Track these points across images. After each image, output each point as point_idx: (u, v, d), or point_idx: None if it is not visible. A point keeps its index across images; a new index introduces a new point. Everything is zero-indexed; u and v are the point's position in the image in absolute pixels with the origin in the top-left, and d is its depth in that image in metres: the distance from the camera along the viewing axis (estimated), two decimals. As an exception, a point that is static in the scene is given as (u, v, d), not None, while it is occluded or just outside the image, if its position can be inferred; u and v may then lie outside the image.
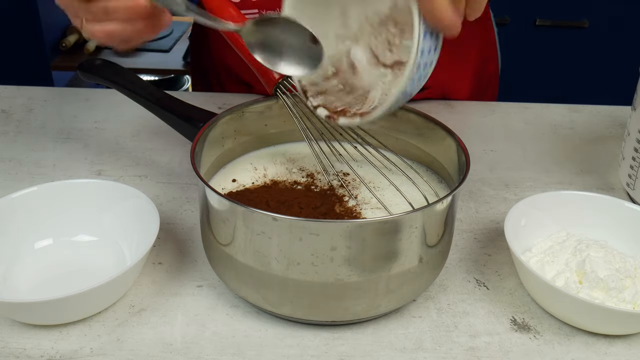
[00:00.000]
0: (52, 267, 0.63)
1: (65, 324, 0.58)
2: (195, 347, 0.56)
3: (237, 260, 0.55)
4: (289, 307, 0.56)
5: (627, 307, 0.58)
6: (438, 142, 0.65)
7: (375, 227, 0.52)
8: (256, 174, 0.67)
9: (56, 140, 0.86)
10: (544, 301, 0.60)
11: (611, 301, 0.58)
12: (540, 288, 0.59)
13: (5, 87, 0.98)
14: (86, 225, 0.66)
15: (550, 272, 0.61)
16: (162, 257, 0.66)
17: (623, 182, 0.77)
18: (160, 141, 0.86)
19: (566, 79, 1.93)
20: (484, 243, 0.70)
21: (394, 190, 0.62)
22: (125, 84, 0.72)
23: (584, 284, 0.59)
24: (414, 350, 0.57)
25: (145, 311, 0.60)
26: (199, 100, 0.84)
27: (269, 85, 0.67)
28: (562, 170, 0.83)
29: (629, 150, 0.74)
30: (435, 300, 0.62)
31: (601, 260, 0.60)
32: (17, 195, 0.64)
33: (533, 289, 0.61)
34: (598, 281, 0.58)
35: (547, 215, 0.66)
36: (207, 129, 0.63)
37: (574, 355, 0.57)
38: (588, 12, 1.88)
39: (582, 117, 0.96)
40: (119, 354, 0.55)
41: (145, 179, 0.78)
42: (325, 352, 0.56)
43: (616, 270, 0.59)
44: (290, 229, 0.52)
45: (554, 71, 1.94)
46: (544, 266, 0.61)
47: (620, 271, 0.59)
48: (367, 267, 0.54)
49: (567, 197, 0.68)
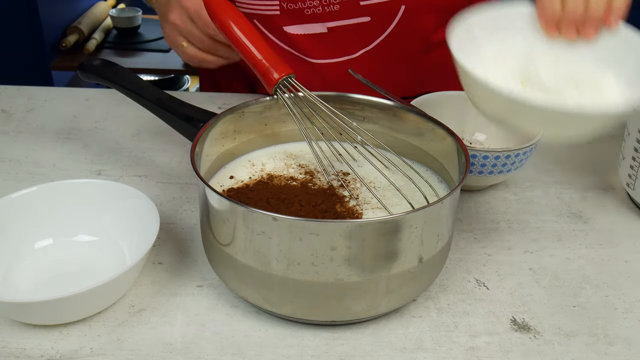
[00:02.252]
0: (52, 267, 0.63)
1: (65, 324, 0.58)
2: (195, 347, 0.56)
3: (237, 260, 0.55)
4: (289, 307, 0.56)
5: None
6: (438, 142, 0.65)
7: (375, 227, 0.52)
8: (253, 169, 0.67)
9: (56, 140, 0.86)
10: (481, 103, 0.57)
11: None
12: (476, 88, 0.56)
13: (5, 87, 0.98)
14: (86, 225, 0.66)
15: (495, 75, 0.57)
16: (162, 257, 0.66)
17: (623, 182, 0.77)
18: (160, 141, 0.86)
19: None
20: (484, 243, 0.70)
21: (394, 190, 0.62)
22: (125, 84, 0.72)
23: (527, 88, 0.56)
24: (414, 350, 0.57)
25: (145, 311, 0.60)
26: (199, 100, 0.84)
27: (269, 85, 0.67)
28: (562, 170, 0.83)
29: (629, 150, 0.74)
30: (435, 300, 0.62)
31: (551, 66, 0.57)
32: (17, 195, 0.64)
33: (469, 90, 0.57)
34: (540, 85, 0.55)
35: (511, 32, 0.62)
36: (207, 129, 0.63)
37: (574, 355, 0.57)
38: (588, 12, 1.87)
39: (582, 117, 0.96)
40: (119, 354, 0.55)
41: (145, 179, 0.78)
42: (325, 352, 0.56)
43: (563, 76, 0.57)
44: (290, 229, 0.52)
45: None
46: (489, 71, 0.58)
47: (567, 77, 0.57)
48: (367, 267, 0.54)
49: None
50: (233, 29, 0.66)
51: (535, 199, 0.77)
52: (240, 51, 0.67)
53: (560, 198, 0.78)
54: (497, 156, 0.72)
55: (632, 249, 0.70)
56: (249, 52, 0.65)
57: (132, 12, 2.22)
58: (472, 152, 0.71)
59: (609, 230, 0.73)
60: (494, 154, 0.72)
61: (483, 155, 0.72)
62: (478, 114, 0.78)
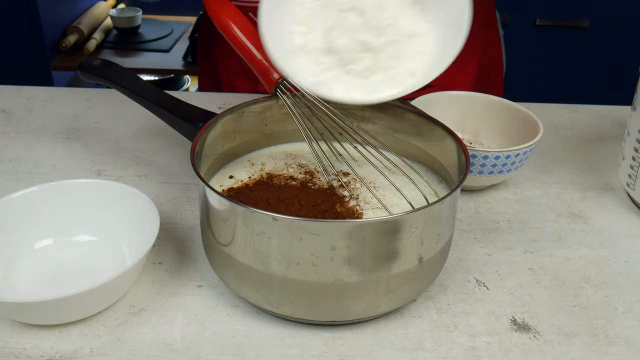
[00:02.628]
0: (52, 267, 0.63)
1: (65, 324, 0.58)
2: (195, 347, 0.56)
3: (237, 260, 0.55)
4: (289, 307, 0.56)
5: (350, 80, 0.56)
6: (438, 142, 0.65)
7: (375, 227, 0.52)
8: (253, 169, 0.67)
9: (56, 140, 0.86)
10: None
11: (336, 71, 0.55)
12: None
13: (5, 87, 0.98)
14: (86, 225, 0.66)
15: (298, 33, 0.57)
16: (162, 257, 0.66)
17: (623, 182, 0.77)
18: (160, 141, 0.86)
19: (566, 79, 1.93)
20: (484, 243, 0.70)
21: (394, 190, 0.62)
22: (125, 84, 0.72)
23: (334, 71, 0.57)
24: (414, 350, 0.57)
25: (145, 311, 0.60)
26: (199, 100, 0.84)
27: (269, 86, 0.67)
28: (562, 170, 0.83)
29: (629, 150, 0.74)
30: (435, 300, 0.62)
31: (352, 28, 0.56)
32: (17, 195, 0.64)
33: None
34: (333, 49, 0.55)
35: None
36: (207, 129, 0.63)
37: (574, 355, 0.57)
38: (588, 12, 1.88)
39: (582, 117, 0.96)
40: (119, 354, 0.55)
41: (145, 179, 0.78)
42: (325, 352, 0.56)
43: (359, 42, 0.56)
44: (290, 228, 0.52)
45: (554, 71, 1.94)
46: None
47: (364, 44, 0.56)
48: (367, 267, 0.54)
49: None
50: (233, 29, 0.66)
51: (535, 199, 0.77)
52: (240, 51, 0.67)
53: (560, 198, 0.78)
54: (497, 156, 0.72)
55: (632, 249, 0.70)
56: (249, 52, 0.65)
57: (132, 12, 2.22)
58: (472, 152, 0.72)
59: (609, 230, 0.73)
60: (494, 154, 0.72)
61: (483, 155, 0.72)
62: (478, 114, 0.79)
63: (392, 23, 0.58)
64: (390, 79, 0.60)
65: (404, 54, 0.61)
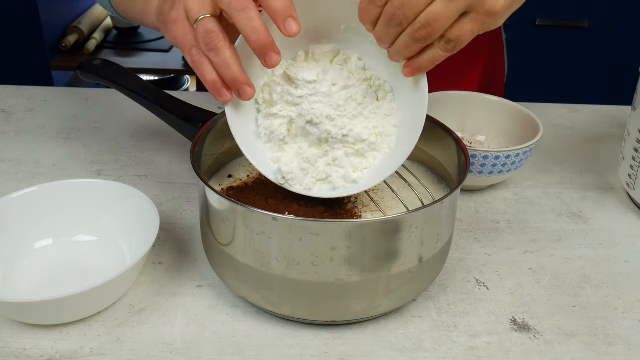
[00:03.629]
0: (52, 267, 0.63)
1: (65, 324, 0.58)
2: (195, 347, 0.56)
3: (237, 260, 0.55)
4: (289, 307, 0.56)
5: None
6: (438, 142, 0.65)
7: (375, 227, 0.52)
8: (252, 168, 0.67)
9: (56, 140, 0.86)
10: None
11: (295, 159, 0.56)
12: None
13: (5, 87, 0.98)
14: (86, 225, 0.66)
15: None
16: (162, 257, 0.66)
17: (623, 182, 0.77)
18: (160, 141, 0.86)
19: (566, 79, 1.93)
20: (484, 243, 0.70)
21: (392, 193, 0.62)
22: (125, 84, 0.72)
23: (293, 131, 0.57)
24: (414, 350, 0.57)
25: (145, 311, 0.60)
26: (199, 100, 0.84)
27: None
28: (562, 170, 0.83)
29: (629, 150, 0.74)
30: (435, 300, 0.62)
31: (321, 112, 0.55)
32: (17, 195, 0.64)
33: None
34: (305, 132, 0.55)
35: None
36: (207, 129, 0.63)
37: (574, 355, 0.57)
38: (588, 12, 1.88)
39: (582, 117, 0.96)
40: (119, 354, 0.55)
41: (145, 179, 0.78)
42: (325, 352, 0.56)
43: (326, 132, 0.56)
44: (290, 228, 0.52)
45: (554, 71, 1.94)
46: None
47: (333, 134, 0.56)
48: (367, 267, 0.54)
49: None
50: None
51: (535, 199, 0.77)
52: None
53: (560, 198, 0.78)
54: (497, 156, 0.72)
55: (632, 249, 0.70)
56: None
57: (132, 12, 2.22)
58: (472, 152, 0.72)
59: (609, 230, 0.73)
60: (494, 154, 0.72)
61: (483, 155, 0.72)
62: (478, 114, 0.79)
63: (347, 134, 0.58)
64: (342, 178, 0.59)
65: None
